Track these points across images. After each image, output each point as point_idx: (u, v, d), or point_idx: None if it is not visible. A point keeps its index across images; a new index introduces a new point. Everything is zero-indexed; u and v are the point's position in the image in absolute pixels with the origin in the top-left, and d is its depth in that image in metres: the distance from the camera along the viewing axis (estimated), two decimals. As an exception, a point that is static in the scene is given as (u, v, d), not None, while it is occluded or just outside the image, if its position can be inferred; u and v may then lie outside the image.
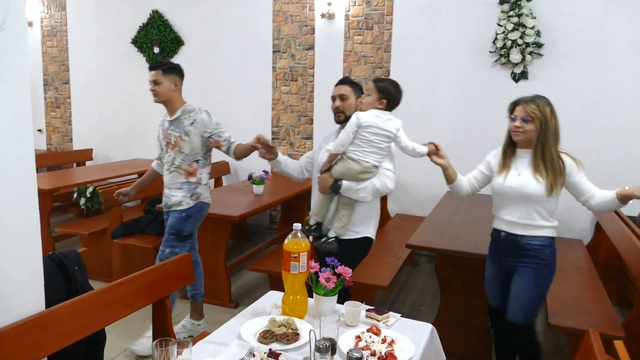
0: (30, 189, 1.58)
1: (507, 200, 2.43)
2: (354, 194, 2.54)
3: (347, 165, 2.52)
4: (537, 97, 2.37)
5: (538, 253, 2.37)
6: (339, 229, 2.58)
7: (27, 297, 1.58)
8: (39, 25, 6.64)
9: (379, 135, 2.49)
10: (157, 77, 3.04)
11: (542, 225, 2.37)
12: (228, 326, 1.90)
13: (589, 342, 1.67)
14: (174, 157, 3.09)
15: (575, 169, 2.34)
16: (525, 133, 2.34)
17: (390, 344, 1.74)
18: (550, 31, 4.53)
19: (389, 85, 2.55)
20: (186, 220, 3.11)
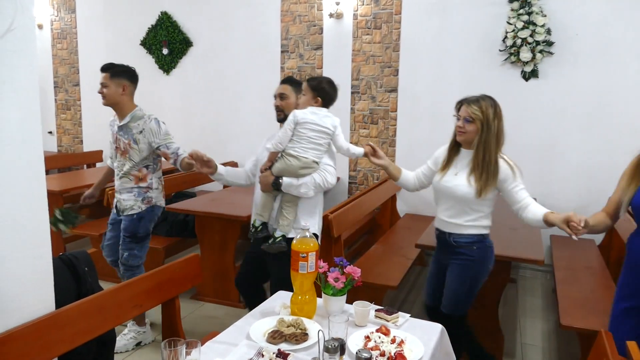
0: (40, 190, 1.59)
1: (441, 198, 2.50)
2: (295, 190, 2.56)
3: (287, 162, 2.56)
4: (482, 97, 2.38)
5: (465, 249, 2.44)
6: (285, 227, 2.59)
7: (37, 298, 1.59)
8: (49, 27, 6.69)
9: (317, 132, 2.55)
10: (105, 80, 3.06)
11: (470, 225, 2.42)
12: (237, 326, 1.90)
13: (601, 343, 1.65)
14: (123, 163, 3.10)
15: (510, 177, 2.34)
16: (467, 133, 2.36)
17: (400, 344, 1.73)
18: (561, 29, 4.48)
19: (322, 84, 2.61)
20: (139, 222, 3.14)
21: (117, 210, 3.21)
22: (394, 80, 5.09)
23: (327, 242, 3.32)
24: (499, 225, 3.48)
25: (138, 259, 3.19)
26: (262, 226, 2.65)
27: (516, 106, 4.69)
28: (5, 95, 1.45)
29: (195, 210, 3.83)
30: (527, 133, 4.63)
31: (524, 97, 4.67)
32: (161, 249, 3.97)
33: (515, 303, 4.04)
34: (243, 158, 2.96)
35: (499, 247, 2.97)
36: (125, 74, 3.10)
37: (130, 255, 3.15)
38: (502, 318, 3.40)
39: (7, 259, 1.48)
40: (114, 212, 3.28)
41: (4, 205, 1.46)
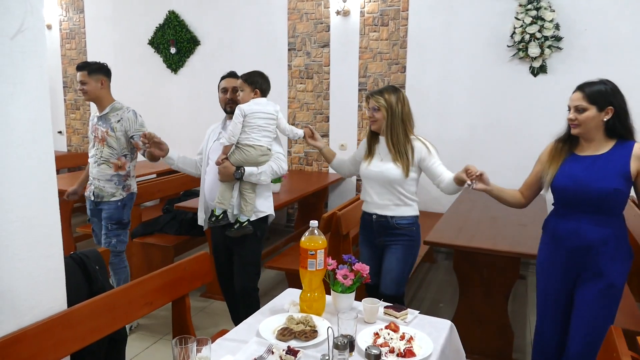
0: (51, 190, 1.60)
1: (372, 184, 2.67)
2: (255, 178, 2.75)
3: (246, 153, 2.75)
4: (385, 88, 2.62)
5: (407, 231, 2.64)
6: (249, 212, 2.78)
7: (49, 297, 1.61)
8: (57, 28, 6.74)
9: (265, 119, 2.76)
10: (84, 77, 3.25)
11: (406, 204, 2.63)
12: (247, 324, 1.91)
13: (611, 339, 1.64)
14: (101, 150, 3.26)
15: (426, 154, 2.58)
16: (377, 121, 2.61)
17: (409, 341, 1.73)
18: (570, 24, 4.44)
19: (255, 76, 2.83)
20: (123, 209, 3.34)
21: (94, 198, 3.32)
22: (402, 77, 5.08)
23: (336, 239, 3.32)
24: (508, 221, 3.48)
25: (124, 244, 3.40)
26: (223, 214, 2.79)
27: (525, 102, 4.67)
28: (16, 95, 1.47)
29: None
30: (536, 129, 4.60)
31: (532, 93, 4.64)
32: (171, 247, 4.00)
33: (524, 299, 4.03)
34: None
35: (509, 244, 2.97)
36: (101, 70, 3.31)
37: (119, 242, 3.35)
38: (512, 314, 3.38)
39: (19, 259, 1.50)
40: (90, 202, 3.40)
41: (15, 205, 1.48)
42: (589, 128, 2.13)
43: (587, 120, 2.11)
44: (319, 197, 5.25)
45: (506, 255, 2.91)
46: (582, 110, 2.11)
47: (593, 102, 2.09)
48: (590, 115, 2.10)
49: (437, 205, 4.95)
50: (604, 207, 2.10)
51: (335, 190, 5.54)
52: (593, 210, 2.12)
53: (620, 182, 2.07)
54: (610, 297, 2.15)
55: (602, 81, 2.15)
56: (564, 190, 2.18)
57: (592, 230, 2.12)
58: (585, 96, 2.11)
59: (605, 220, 2.12)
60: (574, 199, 2.16)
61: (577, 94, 2.15)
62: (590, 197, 2.10)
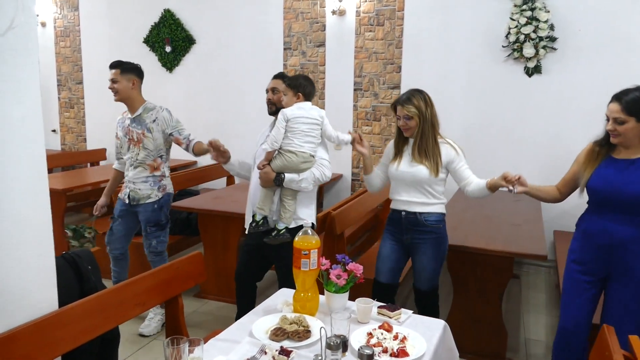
0: (42, 189, 1.59)
1: (401, 184, 2.69)
2: (296, 185, 2.67)
3: (287, 159, 2.66)
4: (412, 94, 2.62)
5: (434, 228, 2.66)
6: (288, 219, 2.70)
7: (40, 297, 1.60)
8: (52, 25, 6.71)
9: (309, 124, 2.67)
10: (115, 76, 3.20)
11: (434, 202, 2.65)
12: (240, 324, 1.90)
13: (604, 337, 1.65)
14: (137, 152, 3.22)
15: (455, 157, 2.62)
16: (410, 129, 2.62)
17: (402, 341, 1.73)
18: (564, 25, 4.46)
19: (300, 80, 2.75)
20: (160, 210, 3.31)
21: (129, 201, 3.28)
22: (397, 77, 5.08)
23: (330, 239, 3.32)
24: (501, 221, 3.49)
25: (165, 244, 3.39)
26: (263, 220, 2.72)
27: (519, 102, 4.68)
28: (7, 93, 1.45)
29: (198, 208, 3.84)
30: (531, 129, 4.62)
31: (527, 93, 4.65)
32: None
33: (518, 298, 4.04)
34: (247, 155, 3.02)
35: (502, 244, 2.97)
36: (134, 70, 3.27)
37: (159, 242, 3.34)
38: (506, 313, 3.39)
39: (10, 258, 1.49)
40: (122, 204, 3.34)
41: (6, 203, 1.47)
42: (629, 137, 2.17)
43: (627, 132, 2.15)
44: (314, 196, 5.25)
45: (500, 254, 2.91)
46: (622, 122, 2.14)
47: (631, 113, 2.12)
48: (629, 126, 2.14)
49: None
50: (635, 209, 2.16)
51: (330, 190, 5.54)
52: (624, 211, 2.18)
53: None
54: None
55: (637, 88, 2.16)
56: (597, 192, 2.24)
57: (622, 229, 2.19)
58: (623, 108, 2.14)
59: (635, 221, 2.17)
60: (606, 200, 2.22)
61: (614, 105, 2.18)
62: (622, 199, 2.17)
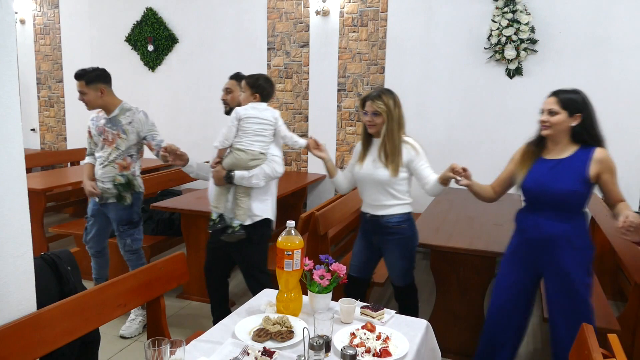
0: (20, 189, 1.56)
1: (365, 185, 2.76)
2: (247, 182, 2.74)
3: (236, 156, 2.75)
4: (382, 92, 2.67)
5: (397, 229, 2.72)
6: (241, 216, 2.77)
7: (18, 298, 1.57)
8: (31, 23, 6.59)
9: (260, 124, 2.75)
10: (82, 88, 3.20)
11: (396, 204, 2.71)
12: (222, 324, 1.89)
13: (583, 336, 1.67)
14: (109, 152, 3.22)
15: (415, 157, 2.66)
16: (376, 125, 2.65)
17: (385, 341, 1.73)
18: (545, 27, 4.52)
19: (259, 80, 2.84)
20: (131, 209, 3.30)
21: (99, 200, 3.27)
22: (380, 77, 5.10)
23: (313, 239, 3.32)
24: (484, 221, 3.52)
25: (140, 241, 3.36)
26: (219, 218, 2.80)
27: (501, 103, 4.73)
28: (-16, 92, 1.42)
29: (181, 208, 3.80)
30: (512, 129, 4.67)
31: (508, 95, 4.71)
32: (146, 248, 3.94)
33: (500, 299, 4.08)
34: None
35: (485, 244, 3.00)
36: (99, 78, 3.23)
37: (133, 240, 3.33)
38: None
39: (-14, 259, 1.46)
40: (94, 203, 3.33)
41: (-17, 204, 1.44)
42: (558, 131, 2.30)
43: (557, 124, 2.28)
44: (297, 197, 5.24)
45: (482, 254, 2.94)
46: (554, 114, 2.29)
47: (564, 108, 2.27)
48: (560, 119, 2.28)
49: (415, 205, 4.96)
50: (563, 205, 2.29)
51: (314, 191, 5.54)
52: (552, 207, 2.31)
53: (577, 184, 2.26)
54: (572, 287, 2.31)
55: (575, 90, 2.33)
56: (529, 191, 2.38)
57: (550, 224, 2.31)
58: (558, 101, 2.29)
59: (564, 217, 2.30)
60: (536, 198, 2.36)
61: (551, 98, 2.33)
62: (550, 197, 2.30)
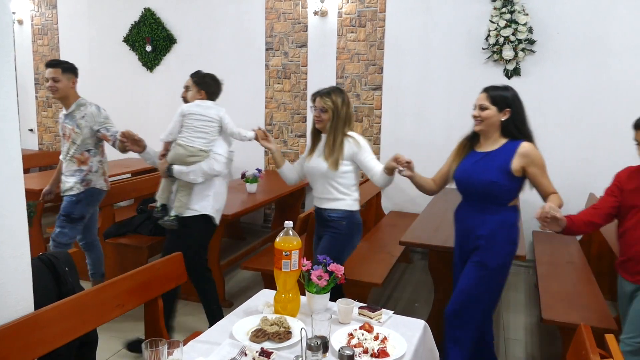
0: (18, 189, 1.56)
1: (312, 178, 2.86)
2: (185, 177, 2.86)
3: (176, 151, 2.88)
4: (333, 89, 2.76)
5: (335, 224, 2.78)
6: (179, 208, 2.90)
7: (15, 299, 1.56)
8: (29, 23, 6.58)
9: (203, 121, 2.87)
10: (57, 74, 3.28)
11: (338, 198, 2.76)
12: (220, 325, 1.89)
13: (580, 336, 1.67)
14: (68, 147, 3.35)
15: (357, 150, 2.72)
16: (322, 121, 2.74)
17: (383, 341, 1.73)
18: (543, 28, 4.53)
19: (206, 78, 2.99)
20: (76, 204, 3.35)
21: (61, 192, 3.41)
22: (379, 78, 5.10)
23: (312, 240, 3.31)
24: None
25: (67, 238, 3.39)
26: (161, 207, 2.95)
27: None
28: (-19, 92, 1.42)
29: (179, 208, 3.79)
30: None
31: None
32: (145, 248, 3.94)
33: (498, 299, 4.09)
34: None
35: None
36: (72, 69, 3.38)
37: (60, 233, 3.37)
38: (486, 314, 3.43)
39: (-16, 260, 1.46)
40: None
41: (-20, 204, 1.44)
42: (489, 125, 2.40)
43: (488, 118, 2.39)
44: (296, 197, 5.24)
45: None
46: (484, 109, 2.40)
47: (494, 103, 2.38)
48: (490, 113, 2.38)
49: (413, 205, 5.00)
50: (487, 197, 2.40)
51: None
52: (479, 200, 2.42)
53: (499, 176, 2.34)
54: (483, 273, 2.41)
55: (506, 87, 2.43)
56: (458, 182, 2.51)
57: (476, 215, 2.43)
58: (488, 97, 2.40)
59: (490, 209, 2.40)
60: (464, 189, 2.50)
61: (482, 94, 2.44)
62: (474, 188, 2.42)
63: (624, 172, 2.41)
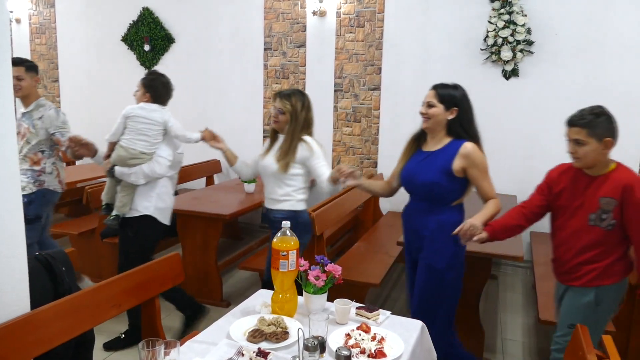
0: (14, 189, 1.56)
1: (263, 177, 2.88)
2: (127, 178, 2.91)
3: (118, 153, 2.93)
4: (293, 92, 2.79)
5: (280, 224, 2.65)
6: (120, 208, 2.95)
7: (12, 299, 1.56)
8: (27, 22, 6.57)
9: (146, 124, 2.90)
10: (20, 73, 3.28)
11: (284, 199, 2.80)
12: (217, 325, 1.89)
13: (577, 337, 1.68)
14: (22, 146, 3.31)
15: (309, 155, 2.74)
16: (279, 122, 2.77)
17: (380, 342, 1.73)
18: (541, 29, 4.53)
19: (154, 81, 2.99)
20: (29, 205, 3.30)
21: None
22: (377, 78, 5.10)
23: (310, 240, 3.31)
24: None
25: (28, 240, 3.35)
26: (106, 206, 3.02)
27: (497, 104, 4.74)
28: (-22, 91, 1.42)
29: (177, 208, 3.78)
30: (508, 131, 4.68)
31: (504, 96, 4.72)
32: (142, 248, 3.93)
33: (496, 299, 4.09)
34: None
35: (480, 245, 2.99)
36: (35, 68, 3.40)
37: None
38: (483, 314, 3.43)
39: (-20, 259, 1.45)
40: None
41: (-24, 204, 1.43)
42: (435, 123, 2.38)
43: (434, 115, 2.36)
44: (294, 197, 5.23)
45: (478, 255, 2.94)
46: (431, 106, 2.37)
47: (441, 101, 2.36)
48: (437, 111, 2.36)
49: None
50: (429, 197, 2.39)
51: (310, 191, 5.52)
52: (423, 199, 2.42)
53: (439, 177, 2.34)
54: (432, 276, 2.41)
55: (455, 85, 2.41)
56: (403, 181, 2.51)
57: (419, 215, 2.43)
58: (436, 94, 2.37)
59: (433, 209, 2.39)
60: (409, 189, 2.49)
61: (431, 92, 2.40)
62: (416, 188, 2.43)
63: (555, 171, 2.36)
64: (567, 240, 2.22)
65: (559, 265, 2.30)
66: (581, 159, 2.17)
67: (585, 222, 2.15)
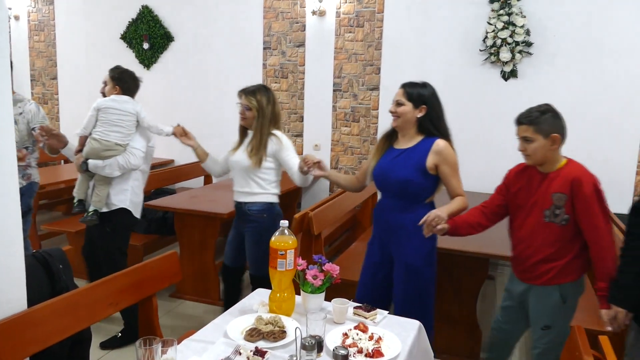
0: (11, 186, 1.56)
1: (234, 172, 2.89)
2: (101, 170, 2.89)
3: (91, 145, 2.91)
4: (258, 88, 2.82)
5: (256, 217, 2.82)
6: (96, 203, 2.94)
7: (8, 296, 1.56)
8: (26, 19, 6.55)
9: (118, 115, 2.91)
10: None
11: (259, 192, 2.82)
12: (214, 324, 1.89)
13: (574, 338, 1.68)
14: None
15: (279, 149, 2.78)
16: (247, 119, 2.81)
17: (377, 341, 1.73)
18: (540, 30, 4.54)
19: (123, 75, 3.03)
20: (20, 198, 3.26)
21: None
22: (376, 78, 5.10)
23: (307, 239, 3.32)
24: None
25: None
26: (78, 202, 2.99)
27: (496, 105, 4.75)
28: (-24, 88, 1.41)
29: (175, 207, 3.79)
30: (506, 132, 4.66)
31: (503, 97, 4.73)
32: (139, 247, 3.93)
33: (493, 299, 4.09)
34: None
35: (477, 244, 3.01)
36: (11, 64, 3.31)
37: None
38: (480, 313, 3.43)
39: (-23, 256, 1.45)
40: None
41: (-26, 201, 1.43)
42: (405, 121, 2.39)
43: (404, 114, 2.38)
44: (292, 197, 5.23)
45: (475, 255, 2.95)
46: (400, 105, 2.39)
47: (410, 99, 2.37)
48: (405, 109, 2.38)
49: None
50: (403, 194, 2.38)
51: (308, 191, 5.53)
52: (396, 196, 2.41)
53: (413, 174, 2.35)
54: (411, 274, 2.41)
55: (423, 84, 2.44)
56: (375, 179, 2.50)
57: (393, 213, 2.41)
58: (405, 93, 2.40)
59: (407, 206, 2.39)
60: (381, 186, 2.48)
61: (400, 90, 2.43)
62: (389, 185, 2.42)
63: (512, 171, 2.38)
64: (525, 238, 2.24)
65: (518, 263, 2.32)
66: (531, 156, 2.19)
67: (541, 218, 2.18)
